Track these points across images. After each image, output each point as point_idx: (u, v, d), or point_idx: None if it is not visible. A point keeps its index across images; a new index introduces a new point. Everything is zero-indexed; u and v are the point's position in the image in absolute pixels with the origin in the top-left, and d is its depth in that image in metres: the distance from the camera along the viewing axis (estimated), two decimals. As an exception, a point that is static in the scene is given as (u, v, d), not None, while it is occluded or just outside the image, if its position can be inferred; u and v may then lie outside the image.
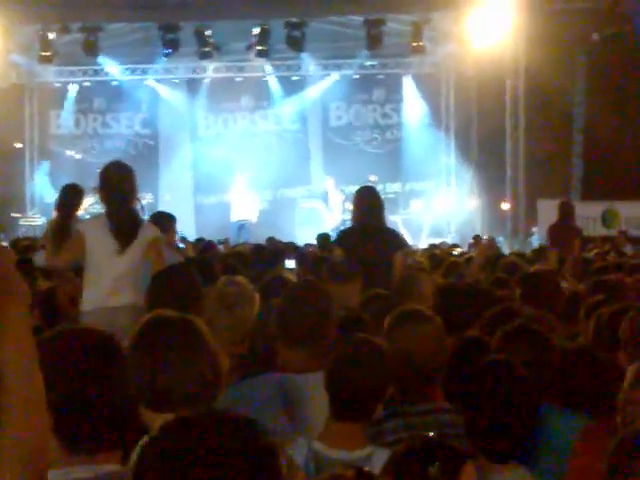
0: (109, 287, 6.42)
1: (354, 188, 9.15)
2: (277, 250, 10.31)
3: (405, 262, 8.05)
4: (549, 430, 4.05)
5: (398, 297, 5.76)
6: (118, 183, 6.62)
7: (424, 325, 4.05)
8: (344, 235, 8.25)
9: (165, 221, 8.58)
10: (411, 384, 3.94)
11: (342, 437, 3.50)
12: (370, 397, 3.54)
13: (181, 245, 11.66)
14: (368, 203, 8.05)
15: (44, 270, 8.41)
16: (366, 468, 2.70)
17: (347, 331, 4.25)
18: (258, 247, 10.98)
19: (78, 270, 6.96)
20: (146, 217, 7.45)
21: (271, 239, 15.45)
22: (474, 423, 3.51)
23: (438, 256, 11.83)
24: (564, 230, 12.83)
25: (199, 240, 14.52)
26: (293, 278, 6.36)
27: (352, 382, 3.52)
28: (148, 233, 6.63)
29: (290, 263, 10.26)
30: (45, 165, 24.92)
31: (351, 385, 3.51)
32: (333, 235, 11.84)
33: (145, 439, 2.09)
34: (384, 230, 8.06)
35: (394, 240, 8.00)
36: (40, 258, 9.20)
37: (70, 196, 8.68)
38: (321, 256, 8.44)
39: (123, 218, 6.56)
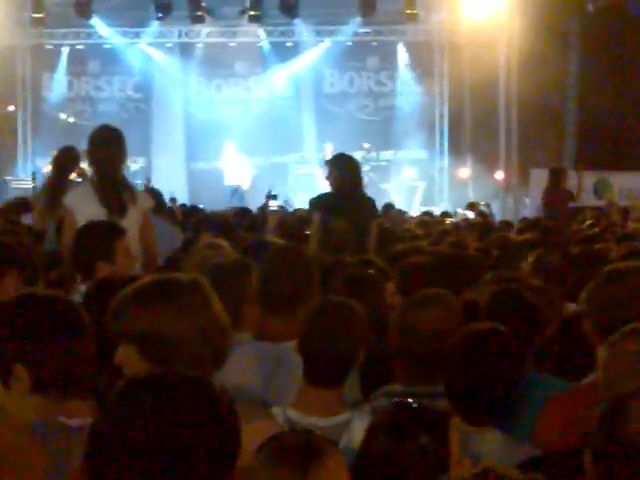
0: None
1: None
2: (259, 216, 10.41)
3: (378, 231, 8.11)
4: (533, 398, 4.09)
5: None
6: (105, 147, 6.47)
7: (439, 308, 3.98)
8: (320, 200, 8.31)
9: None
10: (408, 365, 3.87)
11: (317, 403, 3.37)
12: (342, 361, 3.41)
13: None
14: (346, 170, 8.11)
15: (33, 230, 8.37)
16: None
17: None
18: (241, 211, 11.05)
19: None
20: (139, 182, 7.34)
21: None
22: (453, 385, 3.52)
23: (428, 224, 11.87)
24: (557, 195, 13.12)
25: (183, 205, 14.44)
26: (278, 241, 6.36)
27: (322, 345, 3.40)
28: (144, 202, 6.56)
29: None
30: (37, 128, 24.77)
31: (322, 348, 3.40)
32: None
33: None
34: (361, 197, 8.14)
35: (371, 208, 8.11)
36: (29, 219, 9.20)
37: (65, 158, 8.69)
38: (304, 217, 8.54)
39: (110, 184, 6.41)
